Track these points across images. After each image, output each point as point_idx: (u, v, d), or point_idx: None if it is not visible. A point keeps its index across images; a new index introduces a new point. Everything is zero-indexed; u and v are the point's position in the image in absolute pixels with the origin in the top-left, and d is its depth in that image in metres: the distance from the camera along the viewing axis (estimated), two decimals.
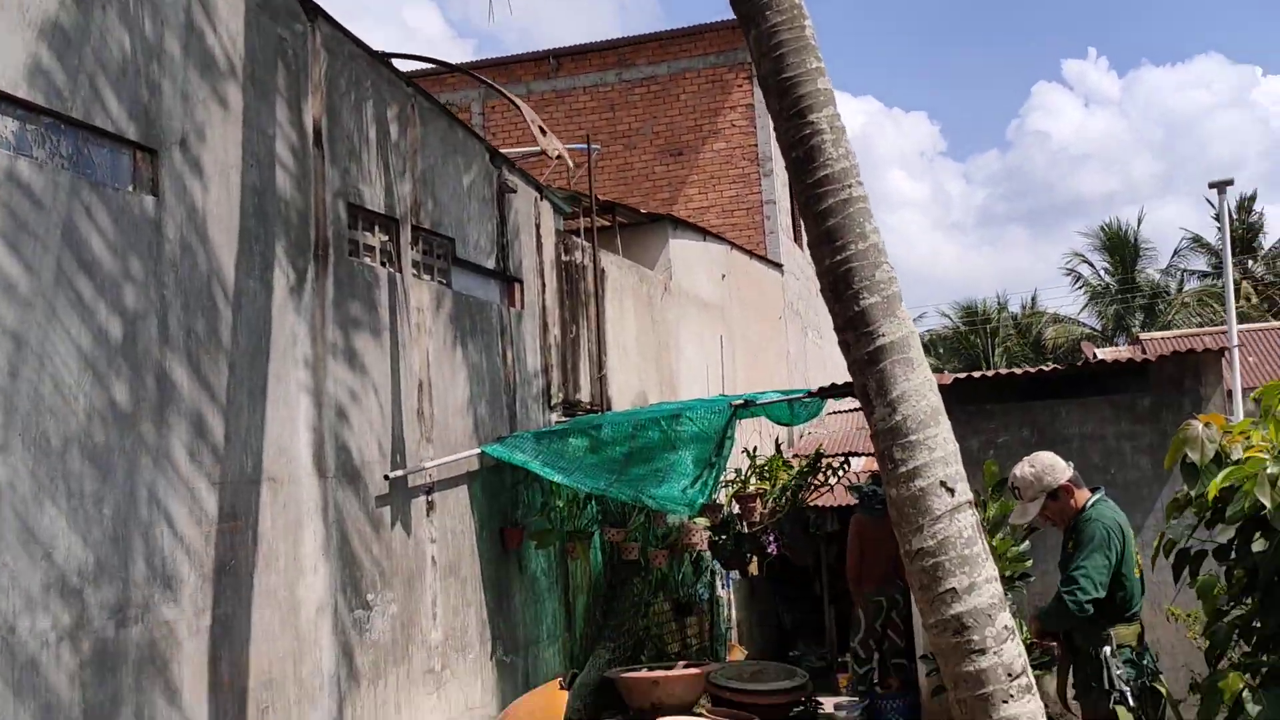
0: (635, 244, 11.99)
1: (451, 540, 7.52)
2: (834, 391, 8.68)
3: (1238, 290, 34.03)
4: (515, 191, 8.73)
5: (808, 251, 18.24)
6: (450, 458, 7.48)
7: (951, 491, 4.26)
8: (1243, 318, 29.09)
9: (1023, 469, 5.01)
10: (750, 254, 15.00)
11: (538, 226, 9.10)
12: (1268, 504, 4.36)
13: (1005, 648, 4.15)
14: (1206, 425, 4.94)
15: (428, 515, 7.27)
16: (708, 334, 12.83)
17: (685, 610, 10.73)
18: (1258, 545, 4.61)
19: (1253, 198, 38.39)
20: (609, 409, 9.90)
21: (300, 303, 6.18)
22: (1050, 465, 4.96)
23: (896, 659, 9.10)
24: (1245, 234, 36.31)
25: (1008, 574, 7.62)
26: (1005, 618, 4.20)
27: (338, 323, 6.50)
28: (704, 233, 13.47)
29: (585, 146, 10.82)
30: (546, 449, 7.93)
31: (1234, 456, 4.84)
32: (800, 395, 8.96)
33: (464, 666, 7.52)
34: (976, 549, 4.24)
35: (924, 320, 41.81)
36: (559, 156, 9.38)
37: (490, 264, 8.36)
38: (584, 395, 9.66)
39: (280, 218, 6.07)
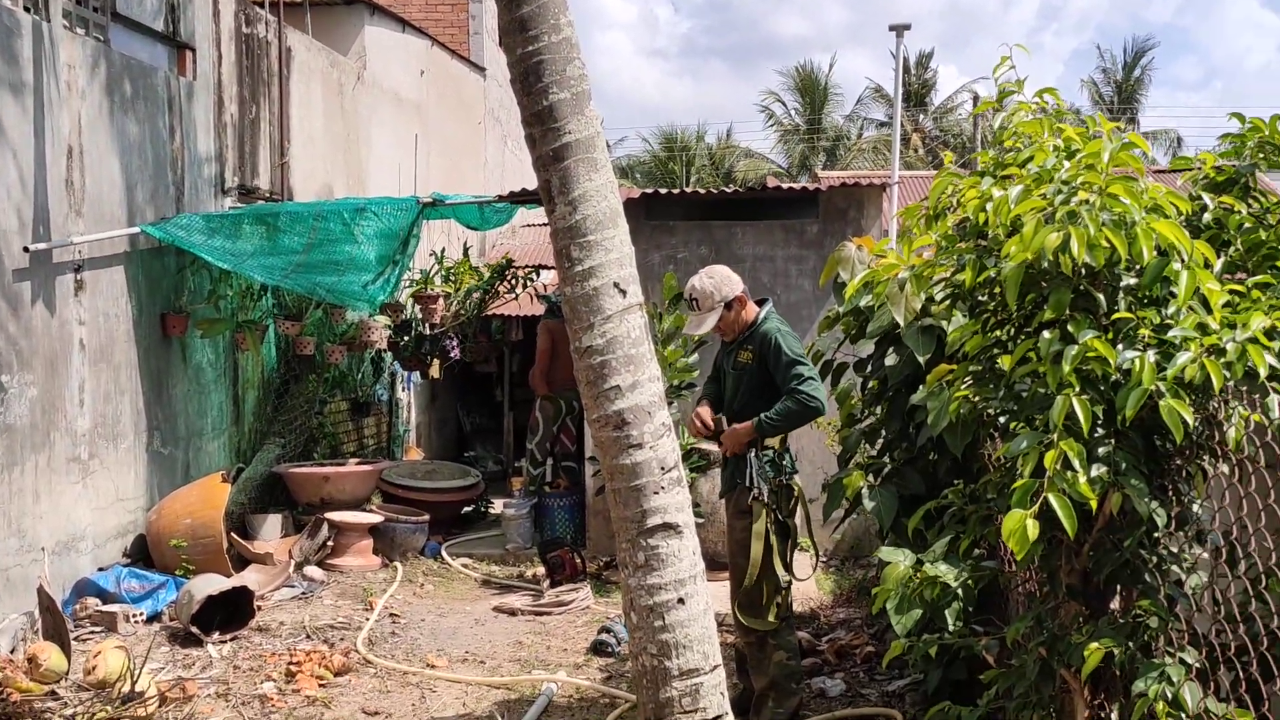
0: (328, 26, 11.23)
1: (104, 323, 6.99)
2: (525, 197, 8.64)
3: (907, 141, 36.57)
4: None
5: None
6: (103, 234, 6.89)
7: (624, 293, 4.34)
8: (909, 166, 31.35)
9: (701, 281, 5.09)
10: (453, 53, 14.45)
11: None
12: (900, 321, 4.77)
13: (661, 443, 4.34)
14: (859, 248, 5.31)
15: (76, 295, 6.71)
16: (403, 132, 12.35)
17: (363, 410, 10.64)
18: (890, 359, 5.06)
19: (930, 55, 40.84)
20: (291, 199, 9.40)
21: None
22: (727, 277, 5.11)
23: (566, 462, 9.47)
24: (920, 89, 38.72)
25: (676, 383, 8.03)
26: (664, 415, 4.38)
27: None
28: (404, 24, 12.80)
29: None
30: (217, 234, 7.47)
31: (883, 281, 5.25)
32: (490, 199, 8.86)
33: (115, 456, 7.13)
34: (643, 349, 4.36)
35: (624, 144, 42.24)
36: None
37: (158, 25, 7.58)
38: (263, 182, 9.11)
39: None
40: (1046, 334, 2.71)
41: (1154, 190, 2.72)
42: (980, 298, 3.26)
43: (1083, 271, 2.79)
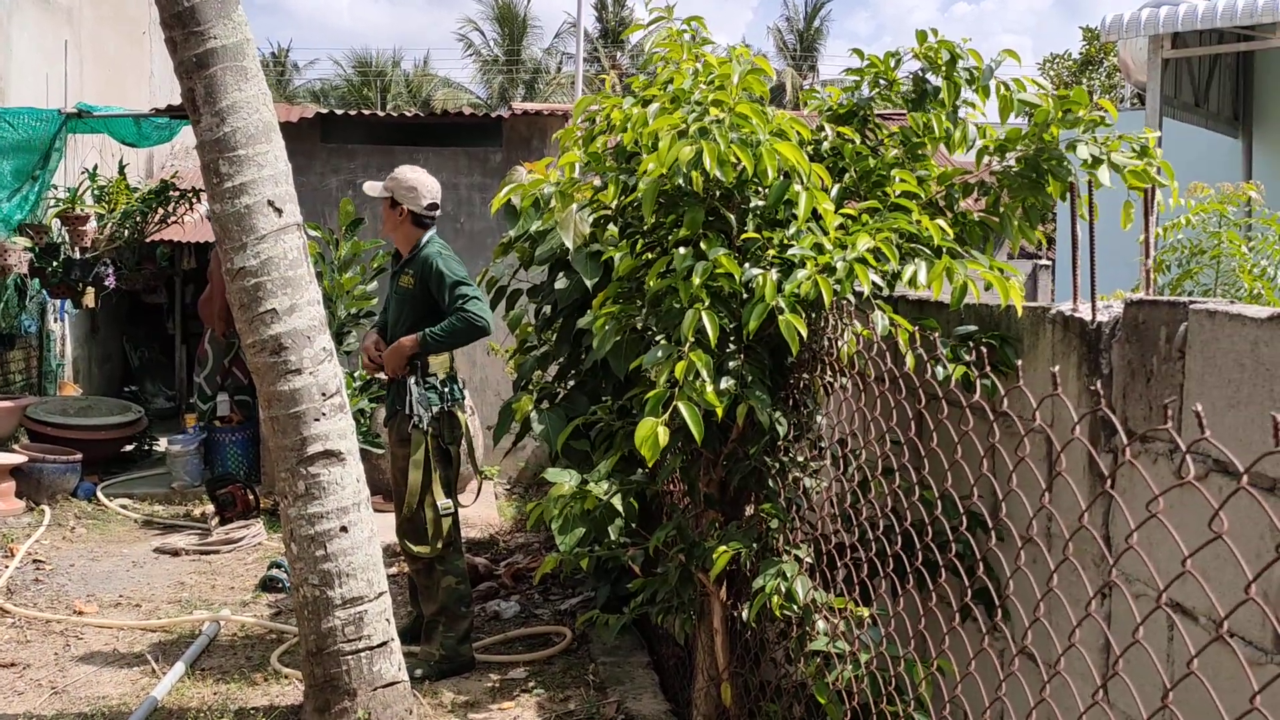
0: None
1: None
2: (184, 112, 8.06)
3: (604, 79, 37.03)
4: None
5: None
6: None
7: (279, 211, 4.15)
8: None
9: (409, 171, 4.99)
10: None
11: None
12: (570, 244, 4.82)
13: (321, 368, 4.21)
14: (530, 172, 5.31)
15: None
16: (50, 37, 11.18)
17: (6, 342, 9.66)
18: (560, 284, 5.11)
19: None
20: None
21: None
22: (425, 187, 5.01)
23: (240, 395, 9.03)
24: (618, 26, 39.21)
25: (354, 311, 7.81)
26: (324, 340, 4.25)
27: None
28: None
29: None
30: None
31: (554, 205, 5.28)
32: (147, 113, 8.21)
33: None
34: (301, 271, 4.20)
35: (316, 67, 40.30)
36: None
37: None
38: None
39: None
40: (681, 250, 2.81)
41: (781, 117, 2.86)
42: (629, 219, 3.33)
43: (716, 193, 2.91)
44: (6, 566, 6.29)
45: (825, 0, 40.75)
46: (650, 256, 3.43)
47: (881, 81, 3.23)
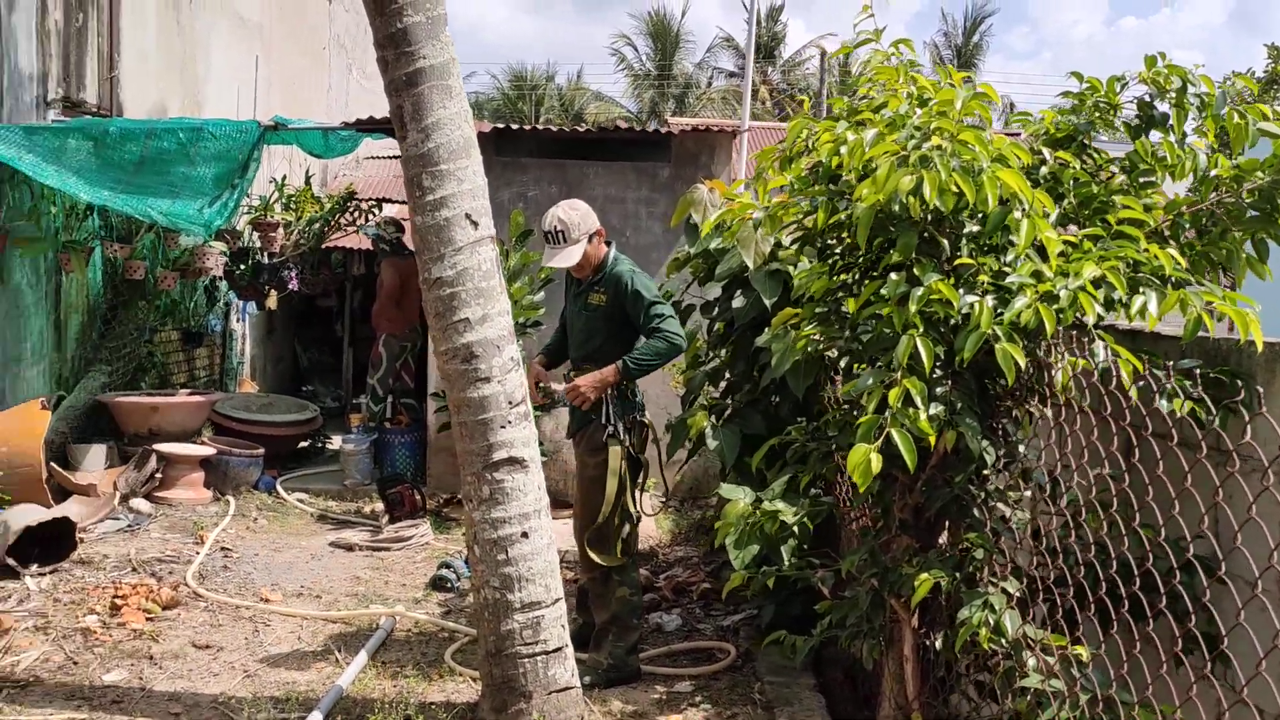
0: None
1: None
2: (372, 126, 8.41)
3: (755, 93, 36.98)
4: None
5: None
6: None
7: (475, 224, 4.29)
8: (755, 117, 31.71)
9: (566, 212, 4.92)
10: None
11: None
12: (750, 263, 4.85)
13: (509, 378, 4.32)
14: (711, 190, 5.37)
15: None
16: (243, 53, 11.81)
17: (195, 340, 10.23)
18: (737, 302, 5.15)
19: (781, 8, 41.27)
20: (121, 116, 8.90)
21: None
22: (588, 210, 5.03)
23: (406, 399, 9.35)
24: (770, 41, 39.12)
25: (521, 320, 7.99)
26: (512, 350, 4.37)
27: None
28: None
29: None
30: (39, 147, 7.02)
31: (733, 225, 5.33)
32: (336, 127, 8.59)
33: None
34: (493, 282, 4.33)
35: (472, 80, 41.41)
36: None
37: None
38: (90, 97, 8.59)
39: None
40: (894, 276, 2.80)
41: (999, 141, 2.83)
42: (829, 241, 3.34)
43: (929, 217, 2.89)
44: (197, 553, 6.65)
45: (986, 15, 39.90)
46: (845, 279, 3.44)
47: (1101, 105, 3.17)
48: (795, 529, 3.69)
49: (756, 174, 3.65)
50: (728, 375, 5.47)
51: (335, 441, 9.80)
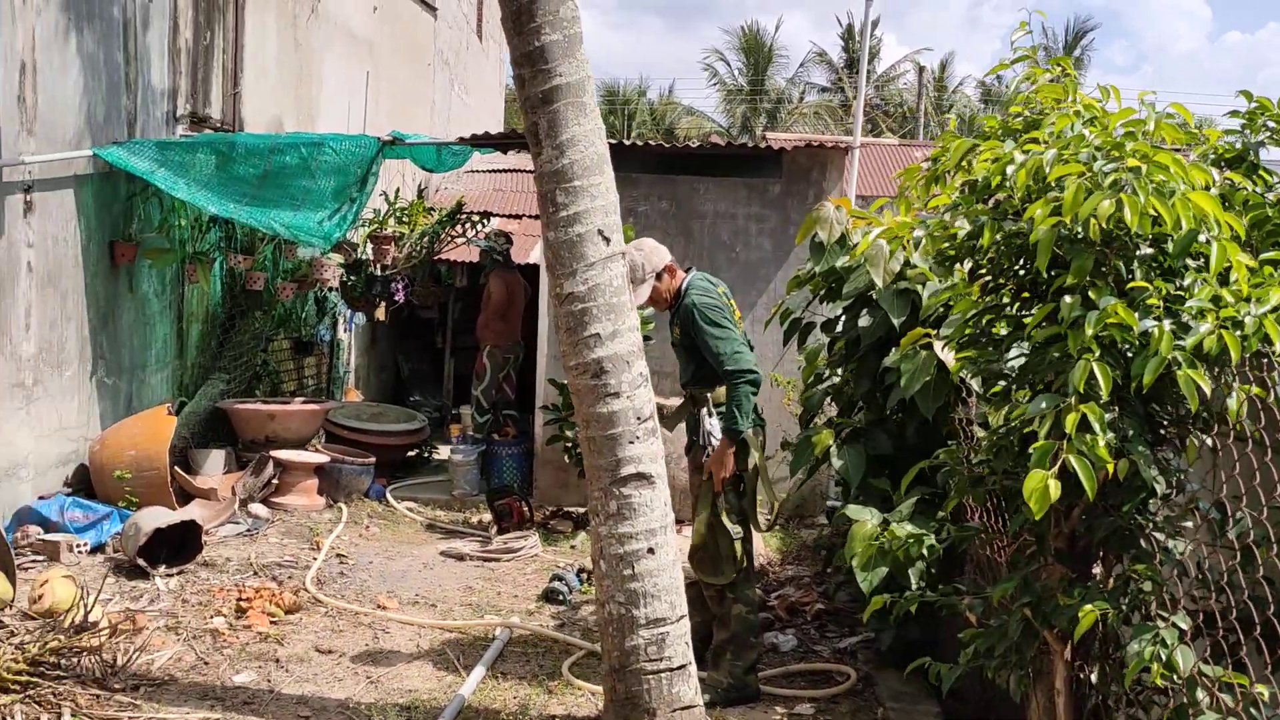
0: None
1: (52, 247, 6.77)
2: (484, 140, 8.54)
3: (849, 108, 36.70)
4: None
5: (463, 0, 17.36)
6: (55, 155, 6.64)
7: (608, 240, 4.31)
8: (847, 133, 31.50)
9: (631, 254, 4.99)
10: None
11: None
12: (879, 282, 4.81)
13: (638, 393, 4.33)
14: (837, 208, 5.33)
15: (25, 216, 6.47)
16: (354, 69, 12.07)
17: (305, 349, 10.46)
18: (864, 320, 5.10)
19: (876, 22, 41.01)
20: (241, 130, 9.15)
21: None
22: (655, 247, 5.11)
23: (508, 410, 9.45)
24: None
25: None
26: (641, 365, 4.37)
27: None
28: None
29: None
30: (171, 161, 7.24)
31: (853, 241, 5.28)
32: (450, 142, 8.72)
33: (59, 384, 6.93)
34: (624, 298, 4.34)
35: None
36: None
37: None
38: (215, 112, 8.85)
39: None
40: (1068, 298, 2.74)
41: (1182, 163, 2.76)
42: (981, 260, 3.28)
43: (1099, 239, 2.83)
44: (314, 558, 6.78)
45: (1088, 29, 39.15)
46: (993, 299, 3.38)
47: (1270, 125, 3.07)
48: (924, 553, 3.63)
49: (901, 190, 3.61)
50: (850, 393, 5.41)
51: (442, 452, 9.93)
